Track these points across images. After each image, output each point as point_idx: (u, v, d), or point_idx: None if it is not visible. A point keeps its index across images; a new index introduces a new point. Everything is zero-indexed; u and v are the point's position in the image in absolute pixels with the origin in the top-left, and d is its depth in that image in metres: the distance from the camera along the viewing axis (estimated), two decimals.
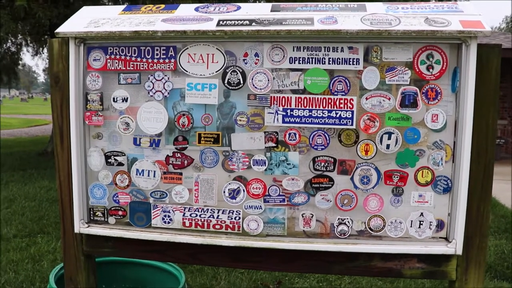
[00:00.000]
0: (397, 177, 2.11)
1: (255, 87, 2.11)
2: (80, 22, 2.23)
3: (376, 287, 4.76)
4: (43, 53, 14.86)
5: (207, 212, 2.21)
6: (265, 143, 2.14)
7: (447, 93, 2.06)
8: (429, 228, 2.12)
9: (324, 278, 4.94)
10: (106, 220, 2.32)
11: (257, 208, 2.18)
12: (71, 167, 2.28)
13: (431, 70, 2.04)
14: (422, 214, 2.12)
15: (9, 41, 13.75)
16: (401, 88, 2.05)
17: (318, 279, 4.93)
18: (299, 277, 4.96)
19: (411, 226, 2.13)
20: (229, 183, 2.18)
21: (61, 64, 2.29)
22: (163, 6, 2.30)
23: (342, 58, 2.07)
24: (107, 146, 2.28)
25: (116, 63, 2.21)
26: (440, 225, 2.13)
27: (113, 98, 2.23)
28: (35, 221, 6.66)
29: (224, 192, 2.19)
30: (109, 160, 2.27)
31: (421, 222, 2.12)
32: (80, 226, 2.30)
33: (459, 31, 1.93)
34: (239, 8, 2.21)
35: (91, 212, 2.33)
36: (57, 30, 2.19)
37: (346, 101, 2.08)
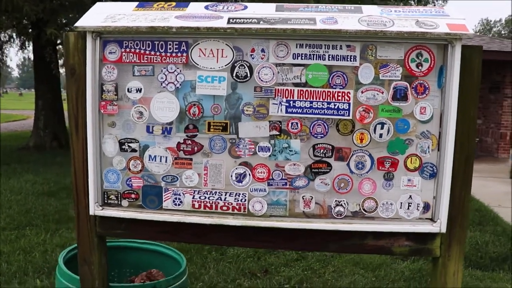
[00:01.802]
0: (388, 163, 2.33)
1: (261, 80, 2.30)
2: (97, 17, 2.39)
3: (359, 275, 4.98)
4: (28, 47, 14.76)
5: (215, 194, 2.40)
6: (269, 131, 2.34)
7: (434, 88, 2.28)
8: (417, 209, 2.35)
9: (309, 267, 5.15)
10: (119, 203, 2.48)
11: (262, 191, 2.38)
12: (87, 153, 2.43)
13: (420, 67, 2.27)
14: (410, 196, 2.34)
15: None
16: (393, 83, 2.27)
17: (303, 267, 5.14)
18: (284, 266, 5.16)
19: (400, 208, 2.35)
20: (236, 168, 2.37)
21: (77, 56, 2.43)
22: (174, 3, 2.48)
23: (340, 55, 2.28)
24: (120, 133, 2.44)
25: (131, 56, 2.38)
26: (426, 207, 2.35)
27: (128, 89, 2.39)
28: (23, 214, 6.70)
29: (231, 176, 2.38)
30: (123, 147, 2.44)
31: (410, 204, 2.34)
32: (95, 209, 2.46)
33: (446, 33, 2.16)
34: (246, 7, 2.40)
35: (105, 196, 2.49)
36: (76, 24, 2.35)
37: (343, 94, 2.29)
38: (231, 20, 2.28)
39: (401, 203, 2.35)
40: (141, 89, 2.38)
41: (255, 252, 5.45)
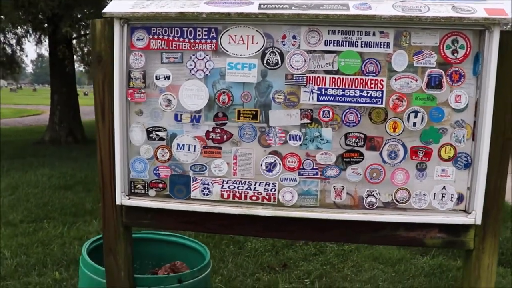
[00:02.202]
0: (422, 152, 2.27)
1: (292, 67, 2.25)
2: (125, 3, 2.35)
3: (378, 270, 4.95)
4: (44, 42, 14.83)
5: (244, 184, 2.36)
6: (300, 120, 2.29)
7: (469, 76, 2.21)
8: (451, 200, 2.29)
9: (328, 262, 5.12)
10: (146, 192, 2.45)
11: (292, 181, 2.33)
12: (113, 142, 2.40)
13: (455, 54, 2.21)
14: (444, 187, 2.28)
15: (9, 31, 13.77)
16: (427, 70, 2.21)
17: (322, 262, 5.11)
18: (303, 260, 5.14)
19: (434, 199, 2.30)
20: (266, 157, 2.33)
21: (104, 43, 2.41)
22: None
23: (373, 42, 2.22)
24: (147, 121, 2.41)
25: (159, 43, 2.34)
26: (460, 198, 2.29)
27: (156, 76, 2.36)
28: (40, 207, 6.76)
29: (261, 165, 2.34)
30: (151, 135, 2.40)
31: (443, 195, 2.29)
32: (121, 198, 2.43)
33: (485, 18, 2.09)
34: None
35: (132, 185, 2.46)
36: (104, 11, 2.31)
37: (376, 82, 2.24)
38: (262, 6, 2.23)
39: (435, 193, 2.29)
40: (169, 76, 2.35)
41: (273, 246, 5.44)
